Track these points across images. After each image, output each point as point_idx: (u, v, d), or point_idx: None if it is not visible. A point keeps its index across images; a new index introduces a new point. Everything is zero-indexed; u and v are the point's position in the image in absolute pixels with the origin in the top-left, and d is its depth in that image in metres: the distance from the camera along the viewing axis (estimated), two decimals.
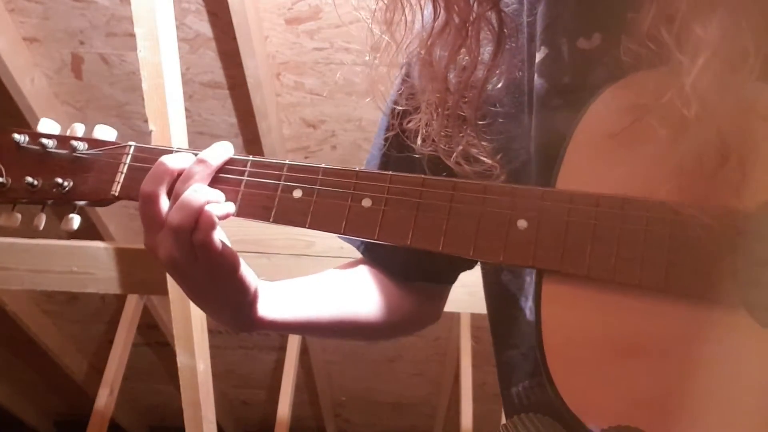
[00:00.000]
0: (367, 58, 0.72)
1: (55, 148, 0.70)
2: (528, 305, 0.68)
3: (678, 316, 0.50)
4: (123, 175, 0.67)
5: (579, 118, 0.55)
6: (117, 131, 0.71)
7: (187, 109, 1.79)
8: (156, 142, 1.56)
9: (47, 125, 0.72)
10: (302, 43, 2.00)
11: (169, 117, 1.56)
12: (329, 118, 2.24)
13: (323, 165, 0.62)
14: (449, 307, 0.87)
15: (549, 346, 0.52)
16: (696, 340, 0.50)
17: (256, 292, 0.66)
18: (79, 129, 0.71)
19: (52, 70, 2.12)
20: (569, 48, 0.62)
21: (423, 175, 0.59)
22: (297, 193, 0.62)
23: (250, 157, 0.65)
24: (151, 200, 0.62)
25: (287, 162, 0.63)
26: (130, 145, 0.68)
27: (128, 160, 0.68)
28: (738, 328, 0.49)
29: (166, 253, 0.61)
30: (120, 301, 2.69)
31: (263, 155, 2.23)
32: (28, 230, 0.70)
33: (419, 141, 0.69)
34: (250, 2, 1.82)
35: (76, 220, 0.71)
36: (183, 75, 1.78)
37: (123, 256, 2.07)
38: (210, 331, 1.98)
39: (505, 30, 0.65)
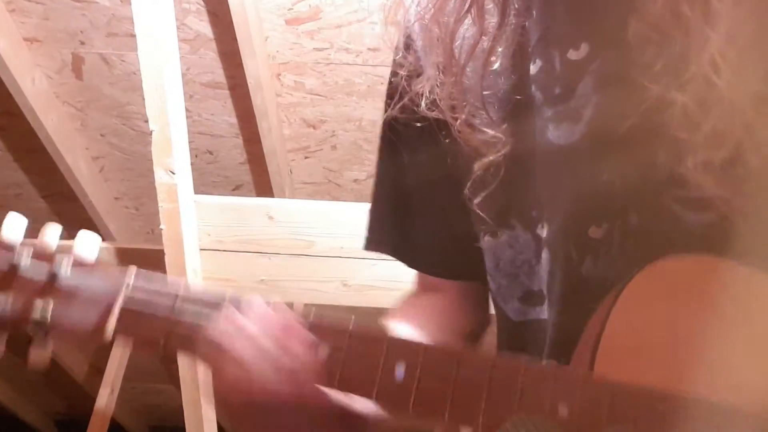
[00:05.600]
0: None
1: (30, 265, 0.56)
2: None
3: None
4: (117, 314, 0.56)
5: (618, 293, 0.53)
6: (120, 135, 0.62)
7: (187, 110, 1.80)
8: (156, 142, 1.56)
9: (14, 225, 0.56)
10: (302, 44, 2.01)
11: (169, 117, 1.57)
12: (329, 119, 2.24)
13: (351, 324, 0.57)
14: None
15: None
16: None
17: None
18: (53, 232, 0.58)
19: (52, 70, 2.12)
20: (561, 59, 0.63)
21: (458, 348, 0.56)
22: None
23: (272, 302, 0.58)
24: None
25: (312, 319, 0.57)
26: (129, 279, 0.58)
27: (128, 293, 0.57)
28: None
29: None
30: None
31: (263, 155, 2.24)
32: (30, 230, 0.63)
33: (423, 104, 0.67)
34: (251, 3, 1.82)
35: (47, 356, 0.56)
36: (183, 75, 1.79)
37: (123, 256, 2.07)
38: None
39: (510, 2, 0.64)
